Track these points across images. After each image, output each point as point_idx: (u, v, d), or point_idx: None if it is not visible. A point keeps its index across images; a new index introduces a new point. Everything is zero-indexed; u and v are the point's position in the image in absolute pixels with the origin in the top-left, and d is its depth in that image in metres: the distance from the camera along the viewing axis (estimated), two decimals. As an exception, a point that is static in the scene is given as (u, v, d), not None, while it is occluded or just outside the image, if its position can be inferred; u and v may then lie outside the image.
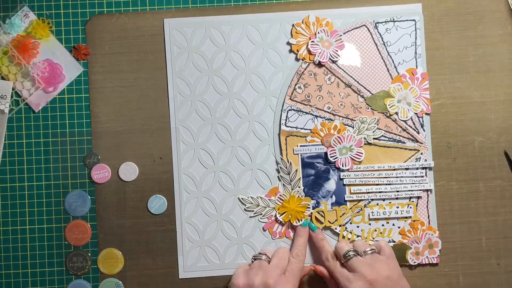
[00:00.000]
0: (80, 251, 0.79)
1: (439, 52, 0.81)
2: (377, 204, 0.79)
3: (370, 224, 0.79)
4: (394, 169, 0.79)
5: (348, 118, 0.80)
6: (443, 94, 0.81)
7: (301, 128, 0.80)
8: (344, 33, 0.81)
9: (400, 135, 0.80)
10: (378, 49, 0.81)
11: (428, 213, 0.80)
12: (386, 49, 0.81)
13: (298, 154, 0.80)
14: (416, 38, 0.81)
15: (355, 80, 0.80)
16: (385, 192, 0.79)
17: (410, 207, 0.79)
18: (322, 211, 0.79)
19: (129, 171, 0.80)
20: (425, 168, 0.79)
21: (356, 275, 0.71)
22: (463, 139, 0.81)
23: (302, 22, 0.81)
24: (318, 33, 0.80)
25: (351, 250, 0.74)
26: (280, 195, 0.79)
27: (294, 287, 0.73)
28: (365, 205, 0.79)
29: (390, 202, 0.79)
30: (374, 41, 0.81)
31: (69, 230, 0.79)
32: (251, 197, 0.80)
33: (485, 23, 0.82)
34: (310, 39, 0.80)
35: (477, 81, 0.81)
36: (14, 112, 0.80)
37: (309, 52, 0.80)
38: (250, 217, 0.80)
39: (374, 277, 0.70)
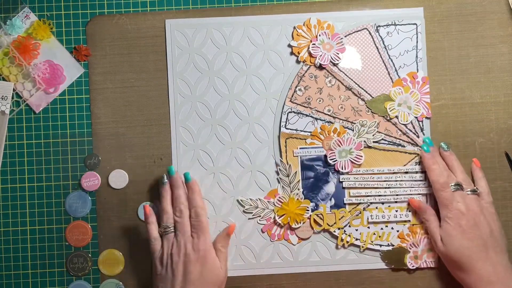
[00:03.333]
0: (81, 252, 0.80)
1: (440, 53, 0.81)
2: (376, 208, 0.79)
3: (369, 227, 0.79)
4: (393, 173, 0.79)
5: (348, 121, 0.80)
6: (443, 95, 0.81)
7: (301, 131, 0.80)
8: (345, 36, 0.80)
9: (400, 139, 0.80)
10: (379, 53, 0.80)
11: (426, 216, 0.80)
12: (387, 52, 0.80)
13: (297, 156, 0.80)
14: (417, 42, 0.80)
15: (356, 83, 0.80)
16: (384, 195, 0.79)
17: (409, 211, 0.79)
18: (321, 214, 0.79)
19: (119, 179, 0.80)
20: (425, 172, 0.79)
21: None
22: (463, 140, 0.81)
23: (304, 25, 0.80)
24: (319, 35, 0.80)
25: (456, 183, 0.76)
26: (279, 197, 0.79)
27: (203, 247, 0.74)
28: (364, 208, 0.79)
29: (389, 206, 0.79)
30: (375, 45, 0.80)
31: (70, 231, 0.80)
32: (250, 199, 0.80)
33: (485, 24, 0.81)
34: (311, 41, 0.80)
35: (478, 82, 0.81)
36: (15, 113, 0.80)
37: (310, 54, 0.80)
38: (249, 218, 0.80)
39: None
